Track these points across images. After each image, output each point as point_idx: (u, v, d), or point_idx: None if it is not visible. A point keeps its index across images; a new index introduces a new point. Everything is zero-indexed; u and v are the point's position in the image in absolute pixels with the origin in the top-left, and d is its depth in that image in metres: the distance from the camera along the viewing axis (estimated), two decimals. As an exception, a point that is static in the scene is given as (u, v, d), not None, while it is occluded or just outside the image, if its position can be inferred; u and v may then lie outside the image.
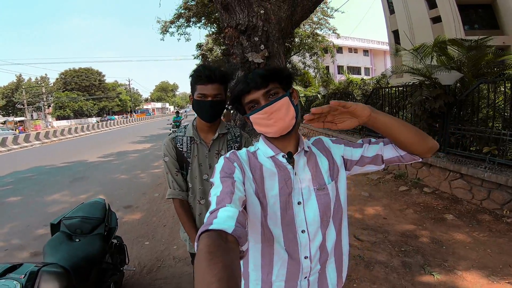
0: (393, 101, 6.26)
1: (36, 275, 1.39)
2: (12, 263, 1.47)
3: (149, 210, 4.64)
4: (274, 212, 0.87)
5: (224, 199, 0.72)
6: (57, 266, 1.57)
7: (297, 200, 0.89)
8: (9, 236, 3.89)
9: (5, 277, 1.35)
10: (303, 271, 0.90)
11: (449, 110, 4.55)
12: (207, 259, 0.51)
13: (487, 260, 2.73)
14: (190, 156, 1.49)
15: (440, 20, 16.87)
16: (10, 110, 43.84)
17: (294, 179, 0.90)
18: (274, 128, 0.86)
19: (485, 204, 3.85)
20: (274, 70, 0.89)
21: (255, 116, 0.87)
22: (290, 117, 0.86)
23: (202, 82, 1.34)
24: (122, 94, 59.06)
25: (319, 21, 15.23)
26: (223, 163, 0.89)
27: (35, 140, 17.69)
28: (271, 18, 2.52)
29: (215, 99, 1.35)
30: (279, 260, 0.90)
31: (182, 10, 12.31)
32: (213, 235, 0.59)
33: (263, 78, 0.86)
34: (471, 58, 4.66)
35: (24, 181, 7.15)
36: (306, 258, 0.90)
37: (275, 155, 0.92)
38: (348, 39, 36.73)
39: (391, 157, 0.92)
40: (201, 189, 1.51)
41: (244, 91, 0.87)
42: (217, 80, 1.34)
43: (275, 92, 0.87)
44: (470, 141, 4.42)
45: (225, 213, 0.67)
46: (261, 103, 0.86)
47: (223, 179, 0.81)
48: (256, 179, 0.89)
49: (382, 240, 3.24)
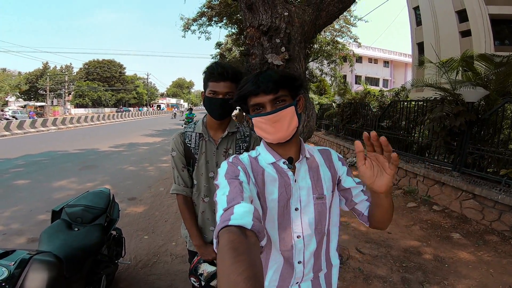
0: (411, 116, 6.06)
1: (27, 263, 1.35)
2: (5, 249, 1.45)
3: (153, 204, 4.64)
4: (272, 216, 0.88)
5: (236, 197, 0.72)
6: (51, 255, 1.54)
7: (294, 206, 0.90)
8: (10, 220, 3.92)
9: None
10: (296, 276, 0.92)
11: (469, 128, 4.35)
12: (231, 256, 0.49)
13: (488, 280, 2.69)
14: (198, 153, 1.46)
15: (469, 34, 16.51)
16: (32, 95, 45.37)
17: (294, 186, 0.90)
18: (273, 136, 0.86)
19: (494, 225, 3.76)
20: (287, 77, 0.87)
21: (257, 120, 0.87)
22: (292, 128, 0.87)
23: (214, 79, 1.32)
24: (140, 87, 60.27)
25: (340, 28, 15.04)
26: (226, 167, 0.88)
27: (51, 125, 18.20)
28: (294, 20, 2.46)
29: (226, 97, 1.33)
30: (274, 265, 0.91)
31: (205, 8, 12.41)
32: (234, 230, 0.58)
33: (275, 83, 0.84)
34: (499, 75, 4.46)
35: (34, 165, 7.30)
36: (300, 263, 0.91)
37: (276, 161, 0.92)
38: (369, 49, 36.28)
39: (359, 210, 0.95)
40: (206, 186, 1.47)
41: (252, 92, 0.86)
42: (229, 78, 1.32)
43: (283, 99, 0.86)
44: (488, 162, 4.22)
45: (241, 209, 0.65)
46: (267, 108, 0.85)
47: (230, 180, 0.81)
48: (258, 184, 0.89)
49: (384, 255, 3.15)
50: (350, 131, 9.03)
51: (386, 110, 7.02)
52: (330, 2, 2.73)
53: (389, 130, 6.70)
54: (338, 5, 2.79)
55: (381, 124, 7.05)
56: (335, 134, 10.60)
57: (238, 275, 0.45)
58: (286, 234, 0.89)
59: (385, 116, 7.03)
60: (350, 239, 3.48)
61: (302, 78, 0.91)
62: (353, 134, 8.70)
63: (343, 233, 3.63)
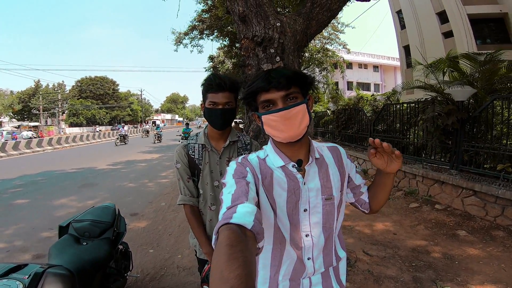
0: (404, 118, 6.19)
1: (41, 276, 1.37)
2: (17, 263, 1.46)
3: (155, 219, 4.62)
4: (282, 217, 0.90)
5: (240, 197, 0.72)
6: (62, 268, 1.56)
7: (303, 207, 0.90)
8: (13, 237, 3.90)
9: (7, 277, 1.33)
10: (308, 270, 0.94)
11: (462, 126, 4.46)
12: (227, 253, 0.49)
13: (501, 275, 2.69)
14: (202, 163, 1.50)
15: (452, 35, 16.79)
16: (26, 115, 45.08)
17: (303, 188, 0.90)
18: (285, 134, 0.84)
19: (499, 221, 3.78)
20: (299, 74, 0.87)
21: (268, 117, 0.85)
22: (304, 126, 0.85)
23: (213, 90, 1.36)
24: (134, 104, 60.31)
25: (329, 36, 15.37)
26: (235, 167, 0.88)
27: (47, 145, 18.07)
28: (287, 30, 2.56)
29: (225, 107, 1.37)
30: (288, 260, 0.93)
31: (196, 22, 12.65)
32: (234, 229, 0.58)
33: (287, 79, 0.82)
34: (485, 73, 4.60)
35: (33, 185, 7.25)
36: (309, 259, 0.93)
37: (285, 164, 0.91)
38: (358, 54, 36.90)
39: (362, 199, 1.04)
40: (212, 195, 1.51)
41: (263, 88, 0.83)
42: (228, 88, 1.36)
43: (295, 97, 0.84)
44: (483, 159, 4.31)
45: (244, 209, 0.66)
46: (278, 105, 0.83)
47: (237, 180, 0.81)
48: (266, 185, 0.89)
49: (392, 255, 3.16)
50: (346, 137, 9.14)
51: (380, 114, 7.16)
52: (319, 11, 2.84)
53: (384, 133, 6.82)
54: (327, 13, 2.91)
55: (376, 128, 7.17)
56: (332, 140, 10.70)
57: (231, 272, 0.45)
58: (295, 233, 0.91)
59: (380, 120, 7.16)
60: (356, 242, 3.49)
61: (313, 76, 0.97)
62: (350, 140, 8.80)
63: (348, 236, 3.65)
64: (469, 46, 14.86)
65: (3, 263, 1.42)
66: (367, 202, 1.03)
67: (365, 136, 7.67)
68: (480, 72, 4.67)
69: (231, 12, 2.62)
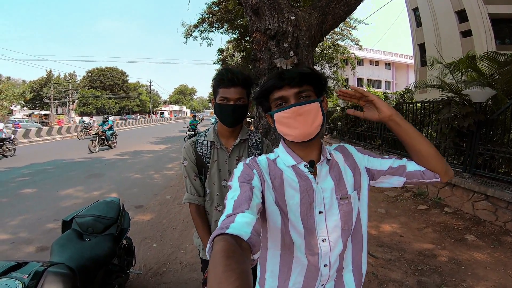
0: (418, 118, 6.01)
1: (41, 276, 1.34)
2: (18, 260, 1.43)
3: (160, 212, 4.62)
4: (295, 221, 0.85)
5: (242, 204, 0.70)
6: (64, 266, 1.53)
7: (318, 209, 0.87)
8: (18, 228, 3.93)
9: (7, 276, 1.30)
10: (322, 278, 0.89)
11: (478, 129, 4.30)
12: (224, 264, 0.49)
13: (507, 281, 2.64)
14: (210, 161, 1.43)
15: (470, 34, 16.41)
16: (37, 104, 45.87)
17: (316, 188, 0.87)
18: (297, 131, 0.82)
19: (508, 226, 3.70)
20: (313, 73, 0.85)
21: (280, 114, 0.84)
22: (316, 124, 0.83)
23: (224, 85, 1.29)
24: (143, 94, 60.74)
25: (341, 31, 15.08)
26: (242, 169, 0.86)
27: (57, 134, 18.34)
28: (301, 24, 2.46)
29: (237, 103, 1.30)
30: (298, 267, 0.88)
31: (206, 15, 12.54)
32: (230, 240, 0.57)
33: (300, 77, 0.82)
34: (505, 75, 4.42)
35: (41, 174, 7.34)
36: (326, 266, 0.88)
37: (296, 164, 0.88)
38: (370, 51, 36.29)
39: (413, 170, 0.90)
40: (219, 195, 1.44)
41: (276, 86, 0.83)
42: (240, 83, 1.29)
43: (308, 95, 0.83)
44: (498, 163, 4.16)
45: (243, 219, 0.65)
46: (291, 101, 0.82)
47: (241, 183, 0.79)
48: (276, 187, 0.86)
49: (397, 258, 3.10)
50: (355, 135, 8.98)
51: (391, 112, 6.98)
52: (336, 6, 2.72)
53: (395, 132, 6.66)
54: (344, 8, 2.79)
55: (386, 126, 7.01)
56: (340, 138, 10.54)
57: (229, 284, 0.44)
58: (311, 238, 0.86)
59: (391, 118, 6.99)
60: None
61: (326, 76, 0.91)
62: (359, 138, 8.65)
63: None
64: (488, 46, 14.46)
65: (4, 261, 1.39)
66: (421, 170, 0.90)
67: (375, 135, 7.51)
68: (500, 73, 4.48)
69: (243, 4, 2.52)
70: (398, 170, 0.91)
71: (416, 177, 0.91)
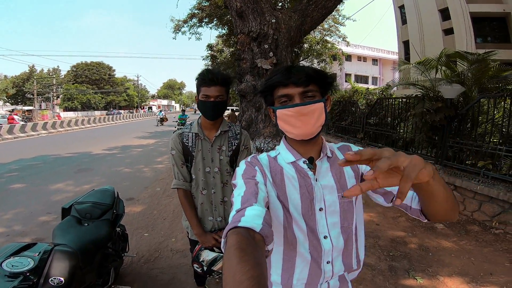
0: (396, 112, 6.35)
1: (49, 254, 1.52)
2: (27, 242, 1.61)
3: (150, 204, 4.78)
4: (297, 217, 0.86)
5: (250, 199, 0.72)
6: (68, 246, 1.71)
7: (318, 206, 0.87)
8: (11, 222, 4.01)
9: (19, 255, 1.47)
10: (325, 275, 0.89)
11: (449, 123, 4.63)
12: (237, 256, 0.50)
13: (469, 268, 2.86)
14: (195, 150, 1.64)
15: (452, 32, 16.94)
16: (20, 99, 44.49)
17: (315, 185, 0.87)
18: (299, 130, 0.84)
19: (475, 216, 3.99)
20: (320, 73, 0.86)
21: (283, 112, 0.84)
22: (319, 124, 0.84)
23: (205, 84, 1.51)
24: (130, 89, 59.69)
25: (329, 28, 15.29)
26: (244, 167, 0.87)
27: (41, 129, 17.99)
28: (281, 27, 2.66)
29: (217, 100, 1.52)
30: (302, 263, 0.89)
31: (195, 10, 12.50)
32: (242, 232, 0.59)
33: (307, 76, 0.82)
34: (476, 72, 4.74)
35: (29, 169, 7.33)
36: (328, 263, 0.89)
37: (296, 160, 0.90)
38: (358, 47, 36.72)
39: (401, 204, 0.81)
40: (203, 180, 1.66)
41: (282, 83, 0.83)
42: (219, 82, 1.50)
43: (313, 95, 0.84)
44: (466, 155, 4.49)
45: (252, 212, 0.66)
46: (295, 100, 0.83)
47: (246, 180, 0.81)
48: (277, 183, 0.87)
49: (372, 245, 3.35)
50: (340, 129, 9.30)
51: (373, 107, 7.30)
52: (314, 8, 2.93)
53: (376, 127, 6.98)
54: (322, 11, 3.00)
55: (368, 121, 7.33)
56: (326, 131, 10.87)
57: (243, 275, 0.46)
58: (313, 235, 0.87)
59: (372, 113, 7.31)
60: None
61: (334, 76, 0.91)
62: (343, 131, 8.97)
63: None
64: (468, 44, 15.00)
65: (15, 243, 1.56)
66: (413, 208, 0.82)
67: (358, 129, 7.84)
68: (471, 71, 4.81)
69: (229, 7, 2.70)
70: (387, 194, 0.87)
71: (402, 207, 0.86)
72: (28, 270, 1.40)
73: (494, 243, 3.37)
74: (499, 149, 3.94)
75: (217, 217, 1.72)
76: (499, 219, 3.68)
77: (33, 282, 1.36)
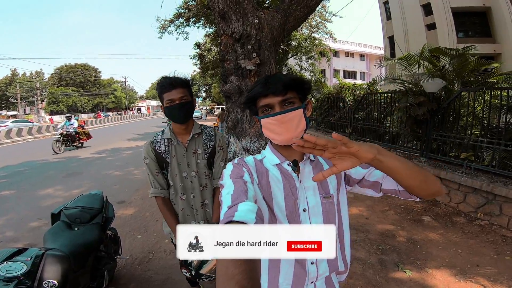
0: (382, 107, 6.49)
1: (41, 258, 1.53)
2: (18, 247, 1.62)
3: (142, 206, 4.76)
4: (281, 218, 0.89)
5: (240, 196, 0.74)
6: (59, 250, 1.72)
7: (302, 207, 0.90)
8: (3, 228, 3.96)
9: (12, 260, 1.49)
10: (310, 276, 0.91)
11: (432, 117, 4.77)
12: None
13: (457, 260, 2.92)
14: (169, 157, 1.62)
15: (434, 27, 17.21)
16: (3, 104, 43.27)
17: (299, 186, 0.91)
18: (282, 137, 0.87)
19: (461, 207, 4.09)
20: (296, 80, 0.90)
21: (266, 121, 0.89)
22: (300, 130, 0.88)
23: (166, 89, 1.49)
24: (118, 91, 58.75)
25: (317, 24, 15.40)
26: (231, 168, 0.90)
27: (27, 134, 17.56)
28: (264, 27, 2.68)
29: (182, 101, 1.49)
30: (286, 264, 0.91)
31: (182, 9, 12.40)
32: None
33: (284, 85, 0.86)
34: (457, 66, 4.90)
35: (17, 175, 7.18)
36: (313, 263, 0.91)
37: (281, 163, 0.93)
38: (345, 43, 37.09)
39: (389, 188, 0.90)
40: (181, 186, 1.65)
41: (262, 94, 0.88)
42: (179, 84, 1.49)
43: (292, 102, 0.88)
44: (450, 147, 4.64)
45: (245, 207, 0.68)
46: (276, 109, 0.87)
47: (234, 180, 0.83)
48: (263, 185, 0.91)
49: (362, 239, 3.42)
50: (328, 124, 9.44)
51: (360, 102, 7.44)
52: (296, 8, 2.96)
53: (363, 121, 7.12)
54: (304, 10, 3.03)
55: (356, 116, 7.47)
56: (315, 127, 11.00)
57: (235, 268, 0.47)
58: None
59: (359, 109, 7.45)
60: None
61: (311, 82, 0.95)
62: (332, 127, 9.11)
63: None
64: (450, 39, 15.31)
65: (7, 248, 1.57)
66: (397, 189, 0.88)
67: (346, 124, 7.98)
68: (451, 65, 4.97)
69: (212, 9, 2.72)
70: (374, 185, 0.93)
71: (391, 193, 0.91)
72: (22, 274, 1.42)
73: (480, 234, 3.45)
74: (481, 140, 4.08)
75: (200, 221, 1.71)
76: (483, 210, 3.78)
77: (27, 285, 1.38)
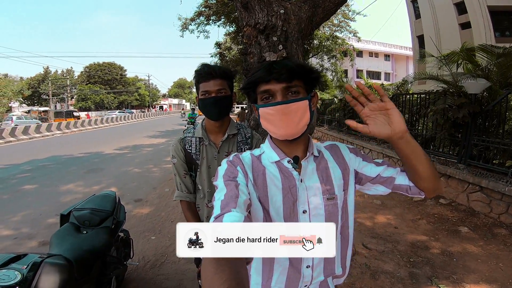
0: (414, 109, 6.04)
1: (39, 266, 1.39)
2: (17, 253, 1.48)
3: (158, 205, 4.68)
4: (277, 220, 0.82)
5: (229, 203, 0.69)
6: (61, 257, 1.58)
7: (302, 209, 0.83)
8: (20, 224, 3.98)
9: (7, 267, 1.35)
10: (304, 279, 0.87)
11: (474, 120, 4.33)
12: (214, 266, 0.49)
13: (497, 274, 2.66)
14: (199, 158, 1.43)
15: (469, 26, 16.41)
16: (36, 100, 45.77)
17: (300, 186, 0.83)
18: (282, 130, 0.79)
19: (502, 218, 3.74)
20: (304, 67, 0.80)
21: (265, 110, 0.79)
22: (303, 124, 0.79)
23: (203, 79, 1.31)
24: (141, 89, 60.54)
25: (339, 23, 14.97)
26: (225, 167, 0.83)
27: (56, 129, 18.35)
28: (291, 18, 2.46)
29: (218, 95, 1.30)
30: (280, 267, 0.86)
31: (202, 8, 12.43)
32: None
33: (289, 71, 0.76)
34: (501, 66, 4.42)
35: (41, 170, 7.39)
36: (308, 267, 0.86)
37: (280, 160, 0.85)
38: (369, 42, 36.04)
39: (401, 184, 0.86)
40: (209, 192, 1.45)
41: (264, 79, 0.78)
42: (218, 75, 1.30)
43: (296, 91, 0.78)
44: (493, 154, 4.19)
45: (230, 219, 0.64)
46: (277, 98, 0.77)
47: (226, 182, 0.77)
48: (258, 184, 0.83)
49: (391, 250, 3.15)
50: (353, 126, 9.02)
51: (388, 104, 7.00)
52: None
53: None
54: (335, 1, 2.78)
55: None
56: (338, 129, 10.57)
57: (220, 285, 0.45)
58: None
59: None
60: (355, 235, 3.45)
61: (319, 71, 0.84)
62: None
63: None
64: (487, 38, 14.49)
65: (3, 253, 1.44)
66: (411, 186, 0.85)
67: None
68: (496, 65, 4.49)
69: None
70: (387, 180, 0.87)
71: (401, 190, 0.87)
72: (14, 284, 1.27)
73: (524, 248, 3.11)
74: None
75: None
76: (530, 223, 3.39)
77: (19, 296, 1.23)
